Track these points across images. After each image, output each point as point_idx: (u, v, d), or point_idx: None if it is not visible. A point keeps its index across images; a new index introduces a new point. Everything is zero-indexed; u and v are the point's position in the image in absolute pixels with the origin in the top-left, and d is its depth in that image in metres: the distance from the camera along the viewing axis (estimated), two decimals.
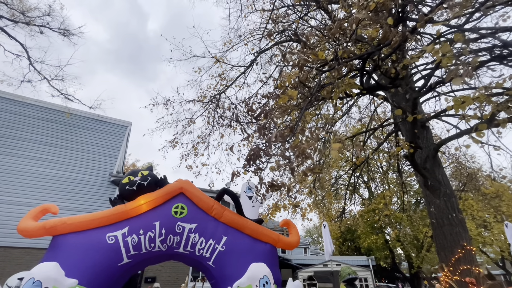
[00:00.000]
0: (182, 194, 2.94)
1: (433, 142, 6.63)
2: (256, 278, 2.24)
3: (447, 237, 5.58)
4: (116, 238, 2.52)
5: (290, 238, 3.05)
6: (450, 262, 5.30)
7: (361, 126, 12.69)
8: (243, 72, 6.62)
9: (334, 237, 20.55)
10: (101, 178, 10.43)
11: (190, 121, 5.89)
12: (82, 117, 11.20)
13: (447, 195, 5.95)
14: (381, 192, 14.20)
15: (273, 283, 2.30)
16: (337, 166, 13.60)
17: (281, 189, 2.07)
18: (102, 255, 2.43)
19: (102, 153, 10.91)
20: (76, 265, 2.30)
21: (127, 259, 2.49)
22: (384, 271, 21.25)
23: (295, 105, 2.40)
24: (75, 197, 9.54)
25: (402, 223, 14.51)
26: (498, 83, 2.78)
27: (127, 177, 2.85)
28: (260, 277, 2.24)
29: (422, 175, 6.10)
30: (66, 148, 10.28)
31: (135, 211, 2.69)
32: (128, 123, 12.26)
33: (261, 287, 2.21)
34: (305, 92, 2.33)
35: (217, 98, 6.24)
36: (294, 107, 2.41)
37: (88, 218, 2.59)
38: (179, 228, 2.71)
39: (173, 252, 2.72)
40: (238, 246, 2.75)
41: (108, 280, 2.40)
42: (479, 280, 4.94)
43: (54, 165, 9.80)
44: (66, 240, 2.46)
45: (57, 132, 10.47)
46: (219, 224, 2.83)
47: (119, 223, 2.63)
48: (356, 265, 13.33)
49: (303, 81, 2.21)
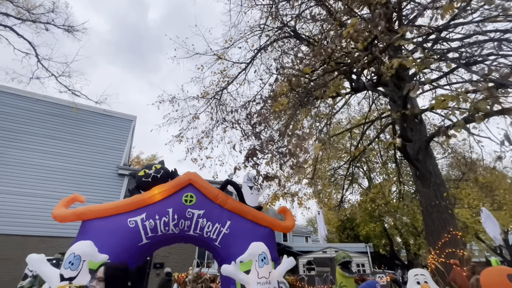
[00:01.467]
0: (191, 185, 3.34)
1: (426, 135, 6.96)
2: (256, 254, 2.65)
3: (435, 223, 5.99)
4: (136, 222, 2.94)
5: (286, 223, 3.46)
6: (437, 246, 5.72)
7: (361, 117, 12.97)
8: (244, 68, 6.92)
9: (334, 226, 21.14)
10: (109, 170, 10.93)
11: (195, 116, 6.25)
12: (89, 112, 11.59)
13: (436, 185, 6.32)
14: (379, 182, 14.61)
15: (270, 258, 2.72)
16: (336, 157, 13.95)
17: (274, 180, 2.45)
18: (124, 236, 2.86)
19: (109, 146, 11.36)
20: (104, 244, 2.73)
21: (146, 240, 2.92)
22: (383, 258, 21.93)
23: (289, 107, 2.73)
24: (85, 189, 10.05)
25: (400, 211, 14.97)
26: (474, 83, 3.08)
27: (143, 170, 3.26)
28: (259, 253, 2.66)
29: (414, 166, 6.46)
30: (74, 142, 10.73)
31: (151, 200, 3.10)
32: (133, 117, 12.66)
33: (260, 261, 2.63)
34: (296, 96, 2.66)
35: (220, 94, 6.58)
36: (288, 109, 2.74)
37: (111, 206, 3.01)
38: (189, 214, 3.13)
39: (184, 234, 3.15)
40: (241, 229, 3.17)
41: (131, 257, 2.84)
42: (463, 261, 5.37)
43: (64, 158, 10.28)
44: (94, 224, 2.88)
45: (66, 126, 10.89)
46: (223, 211, 3.25)
47: (137, 210, 3.05)
48: (354, 252, 13.90)
49: (295, 87, 2.54)
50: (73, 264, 2.28)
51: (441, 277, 5.39)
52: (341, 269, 6.32)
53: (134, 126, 12.96)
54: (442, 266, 5.51)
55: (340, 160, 15.64)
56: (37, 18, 10.37)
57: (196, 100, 6.36)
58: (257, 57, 6.95)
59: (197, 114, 6.32)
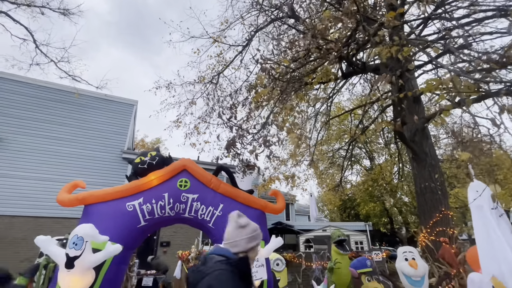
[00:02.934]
0: (185, 171, 3.51)
1: (423, 116, 6.93)
2: None
3: (428, 203, 6.15)
4: (134, 206, 3.15)
5: (277, 205, 3.65)
6: (429, 225, 5.93)
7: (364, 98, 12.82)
8: (240, 51, 6.84)
9: (336, 206, 21.62)
10: (113, 154, 11.25)
11: (192, 102, 6.32)
12: (90, 97, 11.71)
13: (432, 166, 6.40)
14: (379, 164, 14.71)
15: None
16: (336, 139, 14.00)
17: (254, 169, 2.59)
18: (124, 219, 3.09)
19: (112, 131, 11.59)
20: (105, 226, 2.96)
21: (144, 222, 3.15)
22: (384, 235, 22.62)
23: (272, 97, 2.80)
24: (90, 173, 10.43)
25: (400, 191, 15.20)
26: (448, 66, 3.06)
27: (138, 157, 3.43)
28: None
29: (410, 148, 6.52)
30: (78, 127, 10.96)
31: (147, 185, 3.29)
32: (135, 102, 12.75)
33: None
34: (280, 86, 2.71)
35: (216, 79, 6.58)
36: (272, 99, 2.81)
37: (110, 191, 3.22)
38: (183, 198, 3.32)
39: (180, 216, 3.37)
40: (233, 211, 3.36)
41: (130, 237, 3.08)
42: (452, 239, 5.59)
43: (69, 143, 10.57)
44: (95, 208, 3.11)
45: (68, 112, 11.08)
46: (216, 194, 3.43)
47: (135, 194, 3.25)
48: (353, 230, 14.36)
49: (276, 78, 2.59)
50: (77, 244, 2.51)
51: (430, 254, 5.64)
52: (336, 246, 6.65)
53: (136, 111, 13.09)
54: (432, 244, 5.74)
55: (341, 141, 15.67)
56: (31, 1, 10.21)
57: (193, 85, 6.41)
58: (254, 39, 6.84)
59: (194, 100, 6.39)
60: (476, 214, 1.70)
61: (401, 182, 14.14)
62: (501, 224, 1.59)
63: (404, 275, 4.51)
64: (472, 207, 1.76)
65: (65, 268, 2.46)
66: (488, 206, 1.63)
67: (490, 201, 1.64)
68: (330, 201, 20.01)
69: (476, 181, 1.86)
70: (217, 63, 6.62)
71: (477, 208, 1.70)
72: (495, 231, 1.55)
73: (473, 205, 1.73)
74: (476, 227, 1.71)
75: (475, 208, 1.71)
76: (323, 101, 5.75)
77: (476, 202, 1.68)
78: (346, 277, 6.17)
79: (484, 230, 1.64)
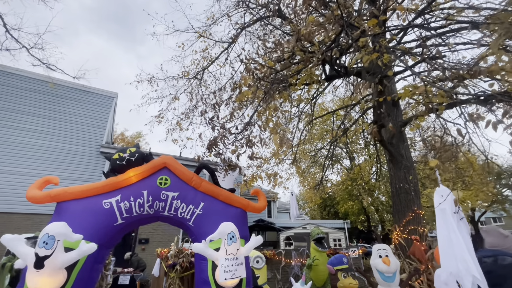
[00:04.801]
0: (166, 168, 3.45)
1: (401, 120, 7.25)
2: (225, 233, 2.87)
3: (402, 203, 6.46)
4: (111, 204, 3.06)
5: (258, 204, 3.68)
6: (402, 224, 6.24)
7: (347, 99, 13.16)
8: (226, 48, 6.77)
9: (316, 203, 22.12)
10: (91, 148, 10.79)
11: (174, 98, 6.17)
12: (67, 87, 11.15)
13: (407, 168, 6.72)
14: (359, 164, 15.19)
15: (238, 237, 2.95)
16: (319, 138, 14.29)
17: (236, 169, 2.60)
18: (100, 217, 2.99)
19: (90, 124, 11.10)
20: (79, 225, 2.85)
21: (121, 220, 3.06)
22: (361, 233, 23.47)
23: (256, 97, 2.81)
24: (65, 167, 9.95)
25: (377, 191, 15.81)
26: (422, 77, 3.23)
27: (117, 153, 3.32)
28: (228, 232, 2.87)
29: (388, 150, 6.80)
30: (52, 119, 10.40)
31: (126, 182, 3.20)
32: (115, 94, 12.28)
33: (229, 240, 2.85)
34: (264, 86, 2.73)
35: (201, 75, 6.47)
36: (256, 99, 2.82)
37: (86, 188, 3.10)
38: (163, 196, 3.27)
39: (159, 214, 3.31)
40: (213, 209, 3.36)
41: (106, 235, 2.99)
42: (423, 237, 5.92)
43: (43, 136, 10.01)
44: (69, 206, 2.98)
45: (42, 102, 10.47)
46: (197, 193, 3.40)
47: (112, 192, 3.15)
48: (332, 228, 14.77)
49: (262, 77, 2.61)
50: (48, 243, 2.40)
51: (402, 251, 5.95)
52: (315, 244, 6.81)
53: (116, 103, 12.62)
54: (404, 241, 6.05)
55: (324, 141, 16.02)
56: None
57: (176, 80, 6.26)
58: (240, 36, 6.79)
59: (177, 95, 6.25)
60: (439, 216, 1.84)
61: (378, 182, 14.71)
62: (461, 226, 1.73)
63: (377, 271, 4.71)
64: (436, 210, 1.89)
65: (34, 268, 2.35)
66: (450, 210, 1.76)
67: (453, 205, 1.77)
68: (311, 199, 20.46)
69: (441, 186, 2.00)
70: (202, 58, 6.52)
71: (441, 211, 1.83)
72: (456, 233, 1.68)
73: (437, 208, 1.87)
74: (439, 228, 1.85)
75: (439, 211, 1.84)
76: (306, 101, 5.84)
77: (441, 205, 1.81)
78: (323, 273, 6.37)
79: (445, 231, 1.78)
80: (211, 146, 2.42)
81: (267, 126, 2.86)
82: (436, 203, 1.86)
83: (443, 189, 1.93)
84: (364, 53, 2.29)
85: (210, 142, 2.41)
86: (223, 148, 2.82)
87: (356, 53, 2.62)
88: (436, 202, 1.87)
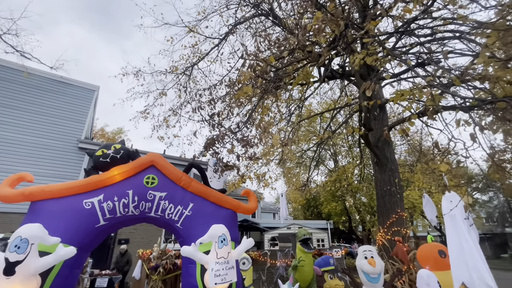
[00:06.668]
0: (153, 167, 3.27)
1: (387, 124, 7.42)
2: (216, 236, 2.74)
3: (386, 205, 6.61)
4: (93, 204, 2.84)
5: (249, 205, 3.58)
6: (386, 225, 6.38)
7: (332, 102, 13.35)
8: (216, 44, 6.61)
9: (300, 204, 22.35)
10: (68, 143, 10.20)
11: (162, 93, 5.93)
12: (44, 78, 10.47)
13: (391, 171, 6.88)
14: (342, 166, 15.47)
15: (229, 239, 2.83)
16: (305, 140, 14.41)
17: (233, 169, 2.50)
18: (80, 218, 2.77)
19: (68, 117, 10.49)
20: (57, 226, 2.62)
21: (103, 221, 2.85)
22: (342, 233, 23.98)
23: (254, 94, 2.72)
24: (41, 163, 9.34)
25: (359, 192, 16.20)
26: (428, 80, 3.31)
27: (100, 150, 3.09)
28: (219, 235, 2.75)
29: (374, 153, 6.93)
30: (27, 111, 9.73)
31: (109, 181, 2.99)
32: (96, 87, 11.70)
33: (220, 243, 2.73)
34: (263, 84, 2.65)
35: (190, 70, 6.27)
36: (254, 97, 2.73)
37: (64, 186, 2.86)
38: (150, 196, 3.09)
39: (145, 215, 3.12)
40: (203, 211, 3.22)
41: (87, 238, 2.77)
42: (405, 238, 6.08)
43: (16, 129, 9.34)
44: (45, 205, 2.73)
45: (16, 93, 9.77)
46: (186, 193, 3.25)
47: (94, 191, 2.93)
48: (315, 228, 14.95)
49: (261, 74, 2.52)
50: (20, 247, 2.17)
51: (386, 252, 6.08)
52: (301, 245, 6.81)
53: (97, 97, 12.03)
54: (388, 242, 6.19)
55: (309, 142, 16.19)
56: None
57: (164, 75, 6.01)
58: (231, 33, 6.66)
59: (164, 90, 6.00)
60: (449, 223, 1.82)
61: (361, 184, 15.06)
62: (471, 233, 1.72)
63: (362, 272, 4.76)
64: (446, 217, 1.88)
65: (3, 275, 2.12)
66: (461, 216, 1.75)
67: (463, 211, 1.76)
68: (295, 200, 20.63)
69: (451, 192, 1.99)
70: (192, 54, 6.31)
71: (451, 217, 1.81)
72: (467, 240, 1.67)
73: (447, 215, 1.85)
74: (449, 235, 1.83)
75: (449, 218, 1.83)
76: (298, 102, 5.81)
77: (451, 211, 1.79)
78: (309, 274, 6.38)
79: (456, 239, 1.76)
80: (209, 145, 2.30)
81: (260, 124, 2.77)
82: (445, 209, 1.84)
83: (452, 195, 1.92)
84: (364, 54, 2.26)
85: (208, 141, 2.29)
86: (221, 147, 2.69)
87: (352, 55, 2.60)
88: (445, 208, 1.85)
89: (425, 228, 27.51)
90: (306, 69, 3.01)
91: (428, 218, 5.54)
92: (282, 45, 2.35)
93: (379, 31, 2.39)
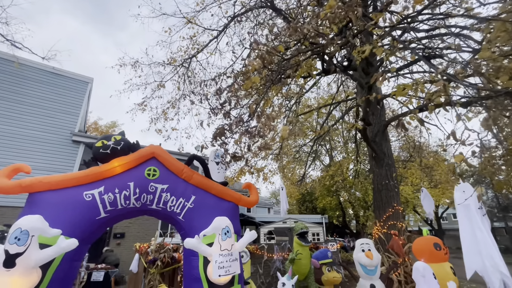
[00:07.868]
0: (154, 159, 3.22)
1: (385, 119, 7.48)
2: (219, 228, 2.74)
3: (383, 199, 6.70)
4: (93, 195, 2.78)
5: (250, 198, 3.57)
6: (382, 219, 6.47)
7: (328, 98, 13.37)
8: (215, 36, 6.50)
9: (296, 199, 22.52)
10: (61, 136, 9.99)
11: (160, 85, 5.81)
12: (36, 69, 10.17)
13: (388, 165, 6.96)
14: (338, 161, 15.59)
15: (233, 232, 2.83)
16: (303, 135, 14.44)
17: (241, 159, 2.47)
18: (80, 210, 2.71)
19: (61, 110, 10.25)
20: (56, 218, 2.56)
21: (104, 214, 2.81)
22: (336, 227, 24.33)
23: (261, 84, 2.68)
24: (33, 156, 9.13)
25: (354, 187, 16.39)
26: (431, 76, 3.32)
27: (100, 141, 3.02)
28: (222, 227, 2.74)
29: (371, 147, 6.99)
30: (19, 103, 9.47)
31: (110, 172, 2.93)
32: (90, 79, 11.44)
33: (223, 235, 2.72)
34: (268, 74, 2.61)
35: (188, 62, 6.16)
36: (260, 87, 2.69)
37: (64, 178, 2.79)
38: (152, 188, 3.04)
39: (146, 208, 3.08)
40: (205, 203, 3.20)
41: (88, 230, 2.72)
42: (401, 232, 6.18)
43: (8, 121, 9.08)
44: (44, 197, 2.67)
45: (6, 84, 9.47)
46: (188, 185, 3.22)
47: (94, 182, 2.87)
48: (311, 222, 15.11)
49: (267, 64, 2.48)
50: (20, 239, 2.11)
51: (382, 245, 6.18)
52: (298, 238, 6.87)
53: (91, 89, 11.77)
54: (384, 236, 6.29)
55: (306, 137, 16.24)
56: None
57: (162, 66, 5.90)
58: (230, 25, 6.55)
59: (162, 82, 5.89)
60: (462, 213, 1.85)
61: (357, 179, 15.22)
62: (484, 222, 1.75)
63: (360, 265, 4.82)
64: (458, 207, 1.91)
65: (3, 267, 2.07)
66: (475, 206, 1.78)
67: (477, 201, 1.79)
68: (290, 194, 20.78)
69: (464, 183, 2.02)
70: (191, 45, 6.20)
71: (464, 207, 1.84)
72: (481, 229, 1.70)
73: (460, 205, 1.88)
74: (462, 225, 1.86)
75: (462, 208, 1.86)
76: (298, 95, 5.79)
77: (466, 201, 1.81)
78: (306, 267, 6.45)
79: (469, 228, 1.79)
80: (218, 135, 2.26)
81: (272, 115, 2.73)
82: (458, 199, 1.87)
83: (465, 185, 1.94)
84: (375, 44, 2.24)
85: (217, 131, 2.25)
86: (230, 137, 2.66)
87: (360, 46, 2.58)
88: (458, 198, 1.88)
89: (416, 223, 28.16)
90: (310, 61, 2.99)
91: (427, 211, 5.64)
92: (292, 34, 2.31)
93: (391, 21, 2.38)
